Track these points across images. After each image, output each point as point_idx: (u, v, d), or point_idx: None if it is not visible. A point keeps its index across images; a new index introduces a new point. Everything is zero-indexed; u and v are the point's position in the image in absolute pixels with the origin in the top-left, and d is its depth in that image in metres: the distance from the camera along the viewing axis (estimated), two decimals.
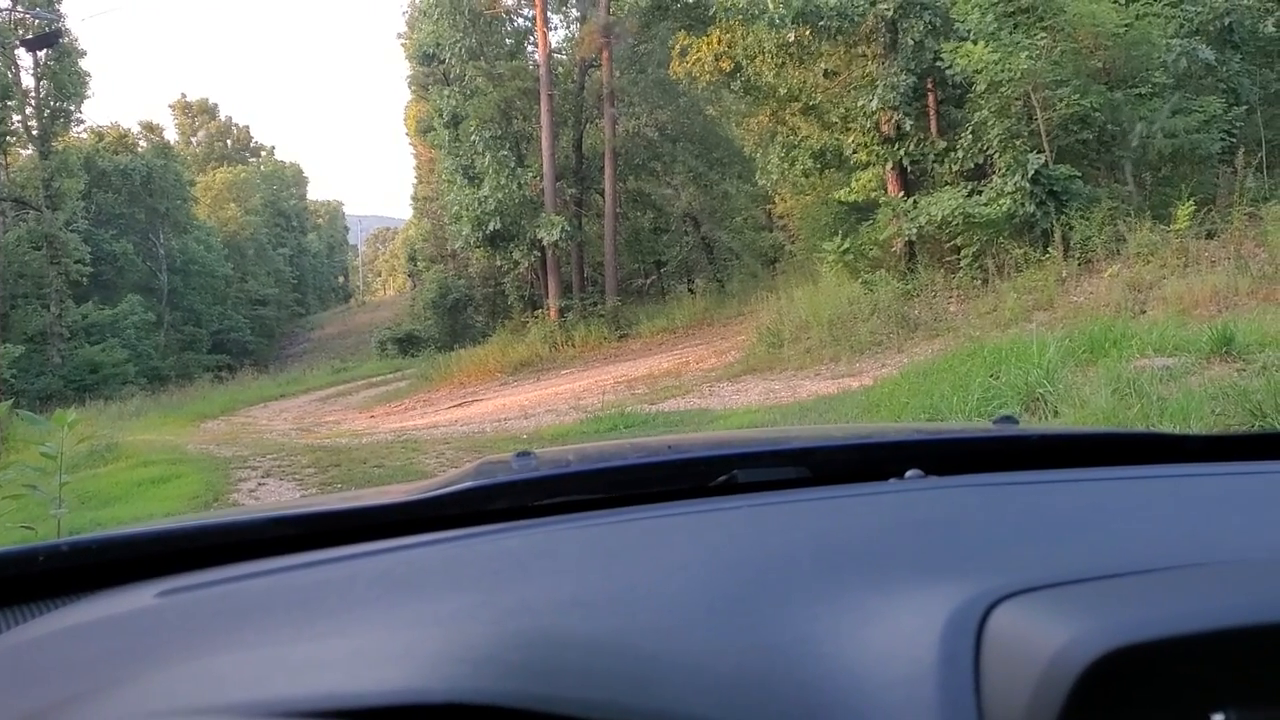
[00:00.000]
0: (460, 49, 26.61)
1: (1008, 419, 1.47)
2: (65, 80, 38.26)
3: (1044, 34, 13.50)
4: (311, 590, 0.84)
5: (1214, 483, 1.04)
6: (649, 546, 0.90)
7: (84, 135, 44.55)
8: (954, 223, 14.56)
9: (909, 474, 1.09)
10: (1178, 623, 0.58)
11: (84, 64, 39.97)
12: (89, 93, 40.21)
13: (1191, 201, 12.10)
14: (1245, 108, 14.56)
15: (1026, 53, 13.22)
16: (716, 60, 18.36)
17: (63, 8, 38.77)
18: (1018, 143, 14.11)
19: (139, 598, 0.86)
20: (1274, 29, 15.16)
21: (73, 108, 39.79)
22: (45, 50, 36.34)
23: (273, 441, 15.01)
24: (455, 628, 0.72)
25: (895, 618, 0.68)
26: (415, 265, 46.96)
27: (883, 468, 1.12)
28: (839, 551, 0.84)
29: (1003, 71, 13.43)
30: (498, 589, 0.80)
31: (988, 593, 0.67)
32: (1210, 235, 12.02)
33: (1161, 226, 12.26)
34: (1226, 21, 14.82)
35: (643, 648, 0.68)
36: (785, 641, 0.67)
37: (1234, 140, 13.77)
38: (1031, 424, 6.63)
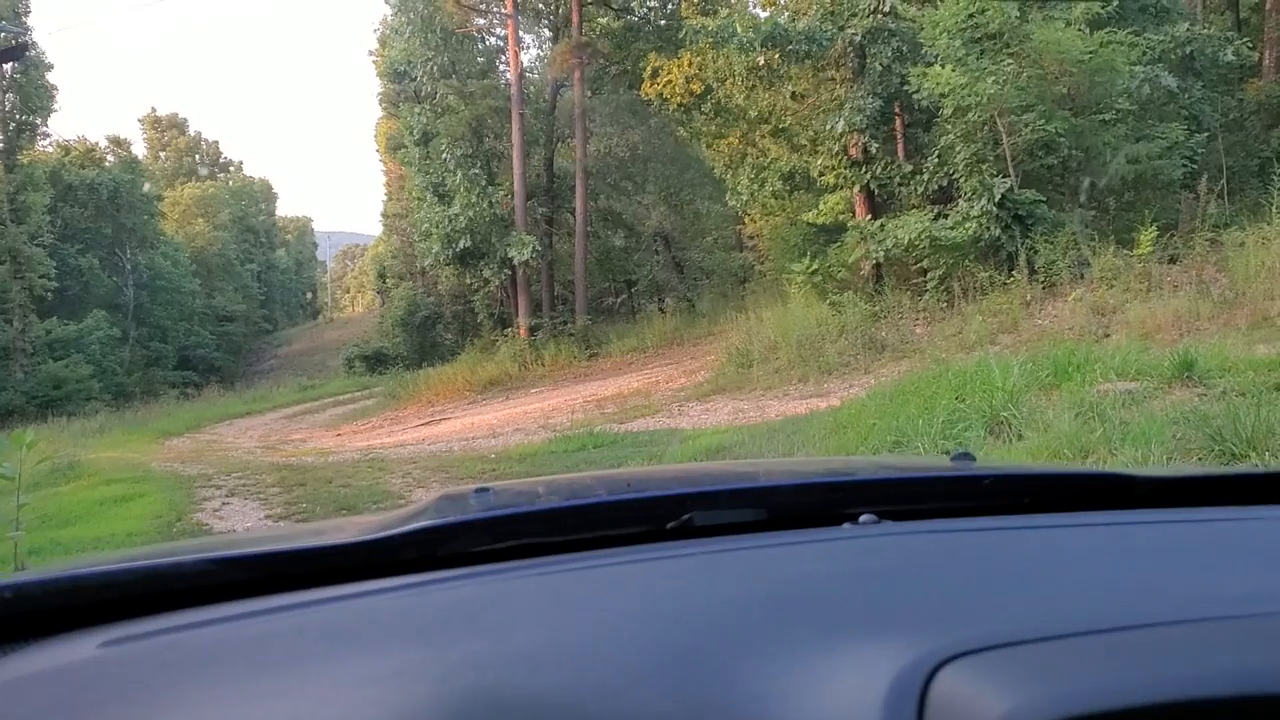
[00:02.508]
0: (432, 67, 26.64)
1: (965, 456, 1.48)
2: (32, 93, 37.91)
3: (1010, 60, 13.66)
4: (257, 643, 0.83)
5: (1163, 531, 1.05)
6: (601, 596, 0.90)
7: (50, 149, 44.13)
8: (920, 246, 14.68)
9: (863, 518, 1.09)
10: (1121, 695, 0.58)
11: (51, 77, 39.66)
12: (56, 106, 39.85)
13: (1154, 227, 12.25)
14: (1207, 134, 14.79)
15: (993, 78, 13.37)
16: (687, 82, 18.52)
17: (30, 20, 38.42)
18: (984, 167, 14.26)
19: (82, 647, 0.84)
20: (1234, 57, 15.42)
21: (39, 121, 39.43)
22: (12, 63, 35.99)
23: (238, 460, 14.87)
24: (396, 687, 0.71)
25: (842, 678, 0.68)
26: (384, 282, 46.78)
27: (840, 509, 1.13)
28: (791, 603, 0.85)
29: (969, 96, 13.58)
30: (445, 643, 0.80)
31: (932, 654, 0.67)
32: (1172, 260, 12.18)
33: (1125, 251, 12.40)
34: (1188, 50, 15.06)
35: (589, 707, 0.67)
36: (735, 701, 0.67)
37: (1196, 166, 13.97)
38: (994, 451, 6.67)
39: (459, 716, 0.65)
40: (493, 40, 29.44)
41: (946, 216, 14.56)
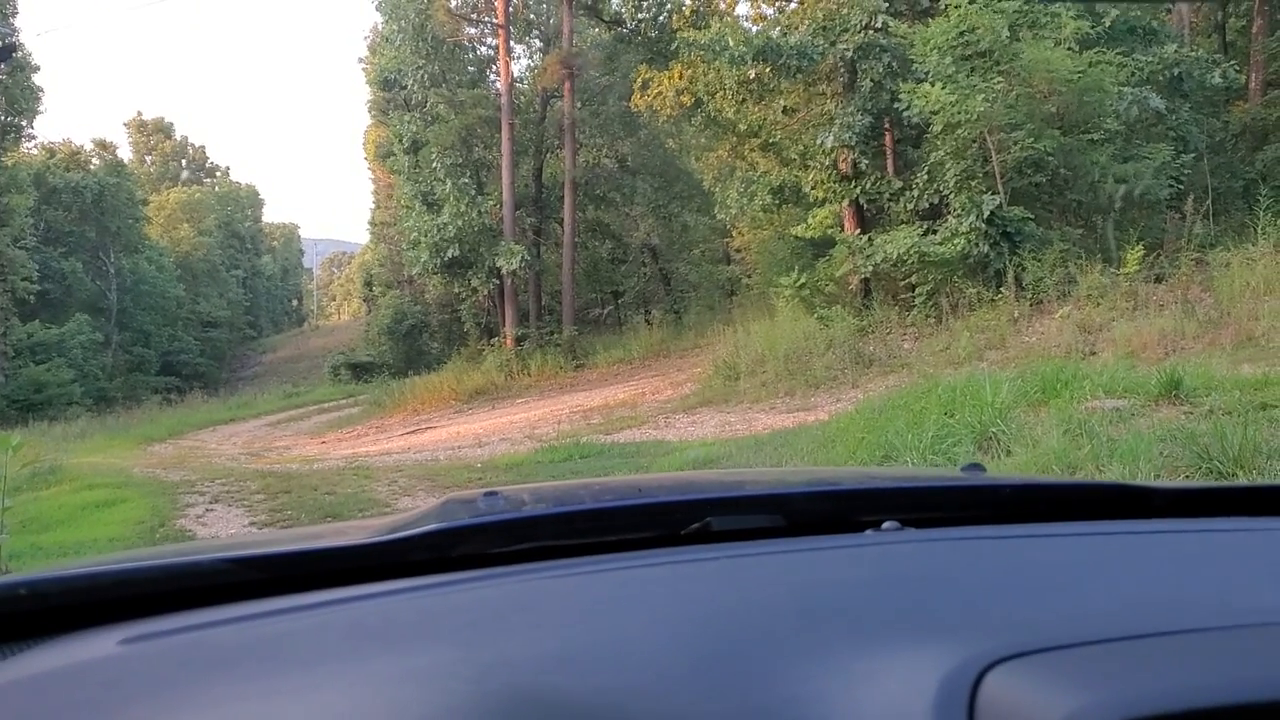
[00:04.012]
0: (422, 75, 26.62)
1: (975, 467, 1.48)
2: (17, 95, 37.69)
3: (1000, 78, 13.74)
4: (281, 641, 0.82)
5: (1185, 540, 1.05)
6: (628, 599, 0.89)
7: (35, 151, 43.91)
8: (909, 261, 14.73)
9: (886, 525, 1.08)
10: (1173, 699, 0.58)
11: (37, 79, 39.46)
12: (42, 108, 39.64)
13: (1140, 246, 12.32)
14: (1193, 155, 14.88)
15: (983, 95, 13.44)
16: (678, 95, 18.51)
17: (17, 22, 38.28)
18: (973, 184, 14.31)
19: (101, 645, 0.83)
20: (1221, 80, 15.53)
21: (24, 123, 39.22)
22: None
23: (221, 466, 14.78)
24: (435, 685, 0.71)
25: (884, 681, 0.67)
26: (371, 290, 46.66)
27: (857, 517, 1.12)
28: (822, 607, 0.84)
29: (959, 113, 13.64)
30: (475, 643, 0.79)
31: (978, 657, 0.66)
32: (1158, 279, 12.24)
33: (1111, 270, 12.46)
34: (1176, 72, 15.16)
35: (629, 708, 0.66)
36: (774, 703, 0.66)
37: (1182, 187, 14.06)
38: (987, 463, 6.68)
39: (499, 716, 0.64)
40: (484, 50, 29.49)
41: (935, 232, 14.61)
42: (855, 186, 17.35)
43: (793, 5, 19.18)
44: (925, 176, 15.76)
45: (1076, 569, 0.94)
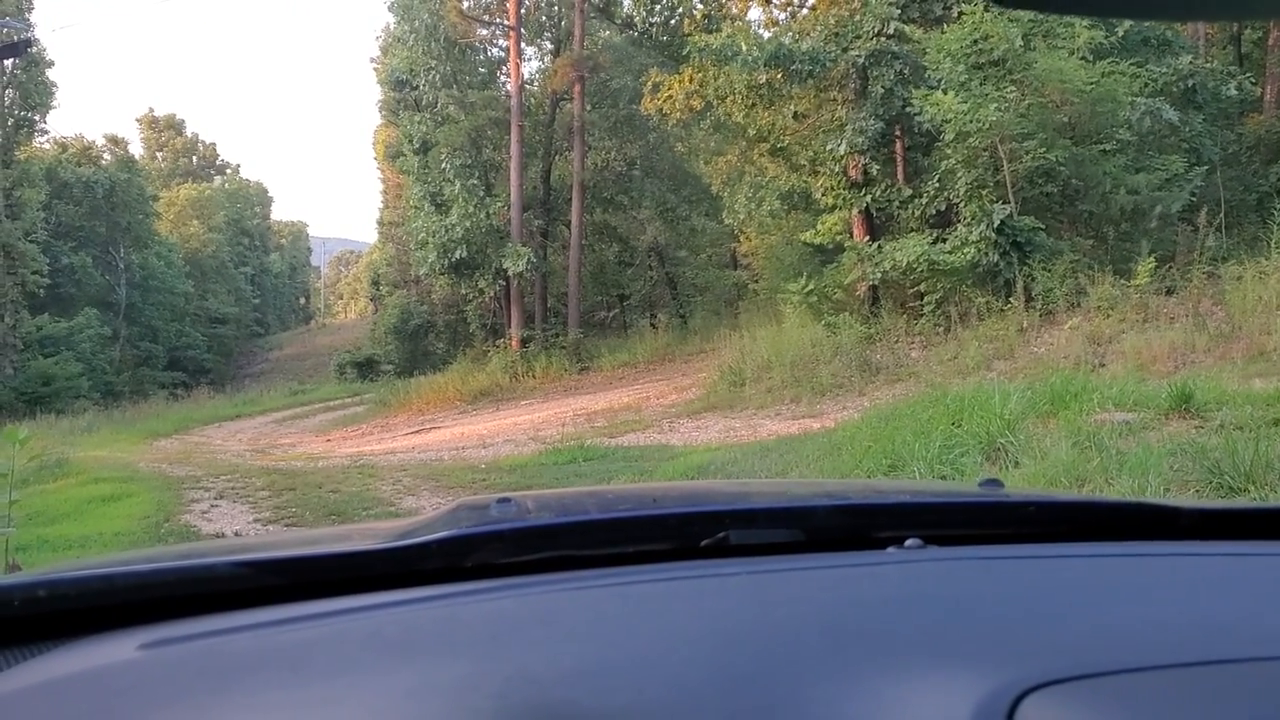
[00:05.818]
0: (433, 76, 26.67)
1: (993, 482, 1.46)
2: (32, 90, 37.84)
3: (1013, 87, 13.71)
4: (300, 650, 0.80)
5: (1218, 564, 1.03)
6: (650, 613, 0.87)
7: (48, 146, 44.05)
8: (918, 269, 14.68)
9: (909, 543, 1.06)
10: None
11: (51, 74, 39.59)
12: (55, 103, 39.76)
13: (1152, 258, 12.27)
14: (1206, 167, 14.82)
15: (995, 104, 13.40)
16: (687, 98, 18.49)
17: (33, 17, 38.35)
18: (984, 193, 14.27)
19: (120, 649, 0.82)
20: (1236, 92, 15.49)
21: (38, 118, 39.35)
22: (13, 59, 35.92)
23: (227, 462, 14.80)
24: (458, 699, 0.69)
25: (915, 706, 0.65)
26: (378, 289, 46.72)
27: (879, 533, 1.10)
28: (848, 627, 0.82)
29: (971, 121, 13.60)
30: (497, 656, 0.77)
31: (1011, 684, 0.64)
32: (1169, 292, 12.19)
33: (1122, 281, 12.42)
34: (1190, 83, 15.11)
35: None
36: None
37: (1195, 199, 14.01)
38: (996, 474, 6.64)
39: None
40: (495, 51, 29.53)
41: (945, 240, 14.57)
42: (865, 193, 17.32)
43: (805, 11, 19.17)
44: (936, 184, 15.73)
45: (1108, 592, 0.92)
